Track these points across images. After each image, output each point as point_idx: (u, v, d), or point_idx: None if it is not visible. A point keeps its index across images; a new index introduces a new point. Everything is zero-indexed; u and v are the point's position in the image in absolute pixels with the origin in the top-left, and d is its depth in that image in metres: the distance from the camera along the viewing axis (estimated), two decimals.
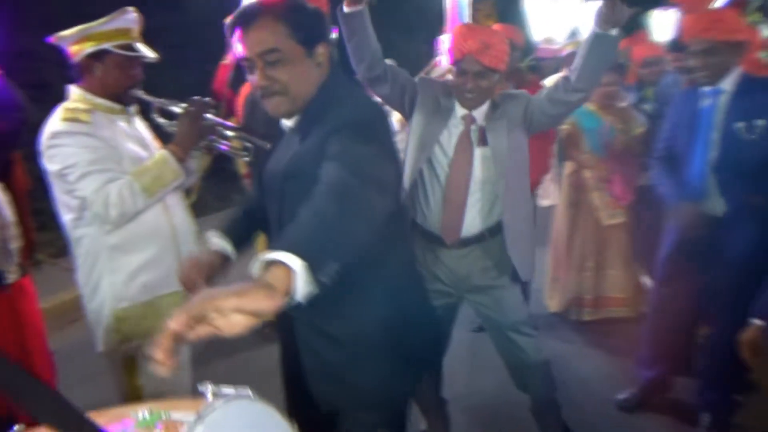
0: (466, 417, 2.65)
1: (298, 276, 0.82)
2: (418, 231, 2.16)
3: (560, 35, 4.89)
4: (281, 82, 1.25)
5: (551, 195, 6.28)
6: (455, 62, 2.05)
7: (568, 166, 3.62)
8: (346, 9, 1.95)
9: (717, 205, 2.24)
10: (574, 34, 4.86)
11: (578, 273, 3.55)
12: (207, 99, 1.96)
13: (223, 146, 2.03)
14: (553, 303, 3.76)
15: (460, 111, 2.09)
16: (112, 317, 1.88)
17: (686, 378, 2.67)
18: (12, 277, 2.18)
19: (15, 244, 2.22)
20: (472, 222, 2.10)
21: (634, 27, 4.61)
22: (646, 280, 3.47)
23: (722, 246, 2.23)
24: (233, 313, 0.75)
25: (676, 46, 4.31)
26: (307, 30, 1.26)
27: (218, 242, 1.46)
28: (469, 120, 2.08)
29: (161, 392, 1.95)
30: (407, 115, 2.18)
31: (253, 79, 1.27)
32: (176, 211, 2.00)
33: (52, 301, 3.87)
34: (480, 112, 2.08)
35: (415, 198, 2.15)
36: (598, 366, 3.13)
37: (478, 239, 2.12)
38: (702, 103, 2.29)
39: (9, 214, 2.23)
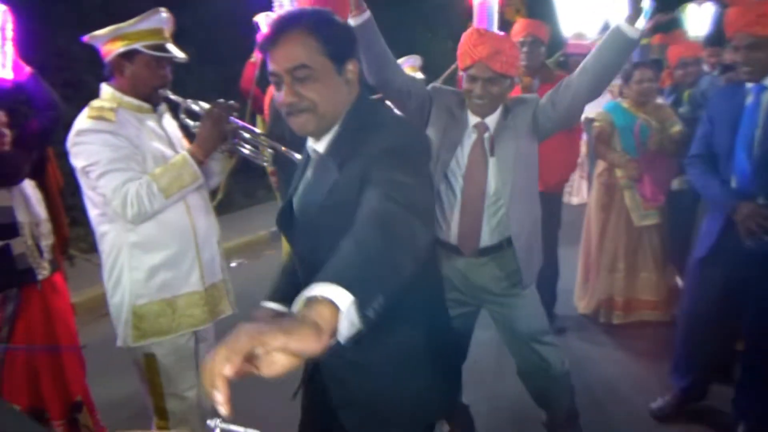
0: (491, 419, 2.61)
1: (344, 315, 0.77)
2: (436, 244, 2.10)
3: (591, 31, 4.79)
4: (310, 100, 1.18)
5: (582, 193, 6.19)
6: (465, 69, 1.99)
7: (600, 165, 3.54)
8: (352, 21, 1.89)
9: None
10: (605, 30, 4.75)
11: (609, 274, 3.46)
12: (231, 102, 1.95)
13: (246, 150, 2.02)
14: (582, 304, 3.69)
15: (472, 119, 2.04)
16: (131, 313, 1.91)
17: (722, 385, 2.58)
18: (43, 273, 2.23)
19: (46, 242, 2.27)
20: (491, 233, 2.06)
21: (670, 26, 4.49)
22: (681, 282, 3.38)
23: (759, 250, 2.15)
24: (278, 352, 0.70)
25: (713, 40, 4.20)
26: (338, 45, 1.20)
27: (275, 307, 1.46)
28: (482, 129, 2.03)
29: (179, 391, 1.99)
30: (423, 128, 2.12)
31: (279, 96, 1.21)
32: (199, 212, 2.00)
33: (84, 296, 3.96)
34: (492, 120, 2.03)
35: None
36: (627, 370, 3.06)
37: (496, 249, 2.08)
38: (745, 100, 2.21)
39: (41, 211, 2.27)
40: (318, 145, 1.28)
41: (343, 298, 0.77)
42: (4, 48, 2.14)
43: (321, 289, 0.78)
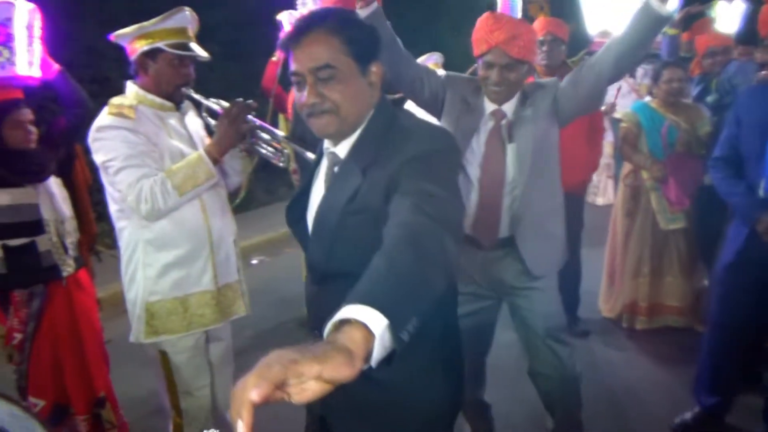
0: (510, 420, 2.57)
1: (377, 339, 0.74)
2: None
3: (617, 29, 4.71)
4: (333, 101, 1.15)
5: (608, 194, 6.10)
6: (481, 55, 1.94)
7: (626, 166, 3.47)
8: (359, 12, 1.85)
9: None
10: None
11: (633, 279, 3.39)
12: (249, 101, 1.94)
13: (263, 150, 2.01)
14: (606, 308, 3.63)
15: (489, 107, 1.99)
16: (143, 309, 1.92)
17: (751, 394, 2.49)
18: (68, 270, 2.26)
19: (71, 239, 2.30)
20: (510, 223, 2.00)
21: (697, 16, 4.42)
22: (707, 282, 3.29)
23: None
24: (311, 380, 0.68)
25: (743, 38, 4.09)
26: (363, 46, 1.17)
27: None
28: (499, 115, 1.98)
29: (191, 389, 2.00)
30: (438, 117, 2.08)
31: (301, 97, 1.18)
32: (214, 211, 2.00)
33: (109, 291, 4.01)
34: (510, 106, 1.98)
35: None
36: (650, 376, 3.00)
37: (515, 240, 2.02)
38: None
39: (66, 209, 2.30)
40: (338, 149, 1.24)
41: (377, 321, 0.75)
42: (32, 46, 2.17)
43: (354, 312, 0.76)
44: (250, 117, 1.93)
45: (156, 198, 1.80)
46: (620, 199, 3.51)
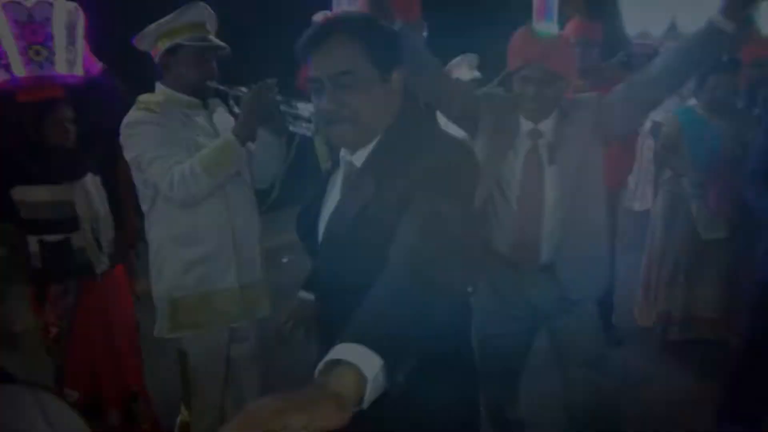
0: (533, 427, 2.50)
1: (370, 381, 0.71)
2: (491, 254, 1.96)
3: (657, 30, 4.60)
4: (352, 109, 1.11)
5: (646, 199, 5.93)
6: (517, 70, 1.84)
7: (666, 172, 3.35)
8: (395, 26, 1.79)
9: None
10: (672, 29, 4.56)
11: (669, 288, 3.28)
12: (270, 80, 1.89)
13: (292, 126, 1.91)
14: (642, 317, 3.52)
15: (525, 125, 1.88)
16: (168, 304, 1.95)
17: None
18: (102, 267, 2.29)
19: (106, 236, 2.33)
20: (553, 247, 1.90)
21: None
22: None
23: None
24: (299, 429, 0.65)
25: None
26: (385, 52, 1.13)
27: (307, 295, 1.53)
28: (536, 135, 1.88)
29: (204, 390, 2.02)
30: (472, 135, 2.00)
31: (319, 103, 1.15)
32: (239, 209, 2.01)
33: (147, 285, 4.09)
34: (547, 125, 1.87)
35: (488, 222, 1.95)
36: (680, 387, 2.91)
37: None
38: None
39: (101, 207, 2.34)
40: (354, 158, 1.20)
41: (370, 364, 0.72)
42: (73, 45, 2.21)
43: (347, 352, 0.72)
44: (272, 96, 1.88)
45: (188, 182, 1.81)
46: (659, 205, 3.41)
